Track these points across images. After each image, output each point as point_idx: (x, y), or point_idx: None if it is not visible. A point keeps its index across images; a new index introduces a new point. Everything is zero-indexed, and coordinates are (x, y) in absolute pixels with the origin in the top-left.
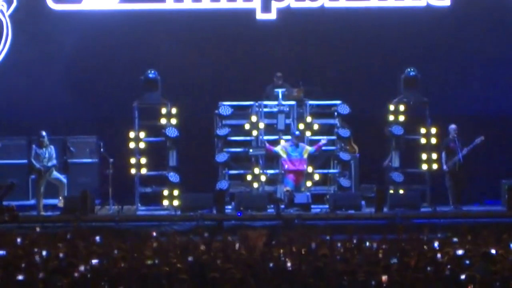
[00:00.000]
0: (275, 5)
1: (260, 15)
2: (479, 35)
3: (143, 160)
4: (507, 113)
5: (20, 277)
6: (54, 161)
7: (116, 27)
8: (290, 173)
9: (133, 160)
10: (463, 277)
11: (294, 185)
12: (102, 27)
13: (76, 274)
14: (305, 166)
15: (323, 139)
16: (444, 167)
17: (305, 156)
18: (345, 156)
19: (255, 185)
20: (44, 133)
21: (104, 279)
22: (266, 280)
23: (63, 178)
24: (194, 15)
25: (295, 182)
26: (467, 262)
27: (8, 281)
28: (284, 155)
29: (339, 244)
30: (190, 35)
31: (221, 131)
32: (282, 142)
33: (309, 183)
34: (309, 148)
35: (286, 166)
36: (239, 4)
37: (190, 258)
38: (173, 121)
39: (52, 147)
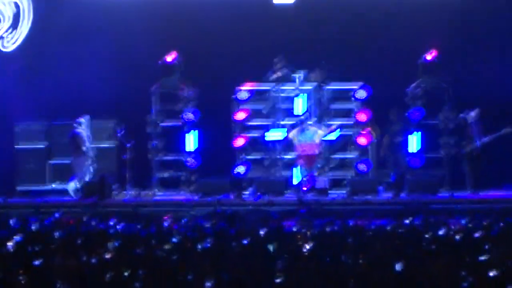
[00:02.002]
0: None
1: (277, 0)
2: (501, 17)
3: (161, 145)
4: None
5: (36, 262)
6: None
7: (135, 12)
8: (300, 158)
9: (150, 145)
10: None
11: (304, 170)
12: (122, 10)
13: (92, 260)
14: (316, 150)
15: (334, 126)
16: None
17: (317, 140)
18: (363, 141)
19: (273, 170)
20: (84, 120)
21: (123, 263)
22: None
23: None
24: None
25: (305, 167)
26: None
27: (24, 267)
28: (294, 141)
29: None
30: (208, 19)
31: (239, 116)
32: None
33: (324, 168)
34: (321, 132)
35: (297, 151)
36: None
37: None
38: (191, 105)
39: None
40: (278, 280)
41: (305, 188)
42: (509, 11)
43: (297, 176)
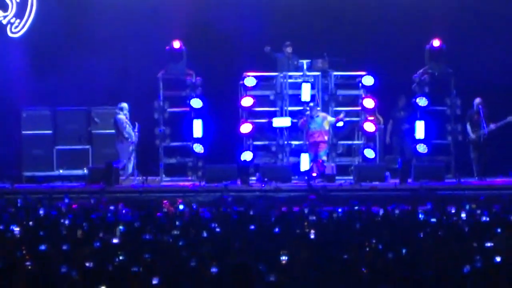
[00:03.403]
0: None
1: None
2: (504, 6)
3: (168, 131)
4: None
5: (42, 247)
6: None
7: None
8: (310, 145)
9: (157, 131)
10: (488, 245)
11: (313, 156)
12: None
13: (99, 244)
14: (325, 137)
15: (342, 114)
16: (471, 135)
17: (326, 127)
18: (370, 128)
19: (280, 156)
20: (126, 105)
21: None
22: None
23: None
24: None
25: (314, 153)
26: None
27: (33, 252)
28: (305, 127)
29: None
30: (215, 5)
31: (246, 102)
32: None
33: (330, 154)
34: (330, 119)
35: (307, 139)
36: None
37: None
38: (198, 92)
39: None
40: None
41: (314, 174)
42: None
43: (305, 162)
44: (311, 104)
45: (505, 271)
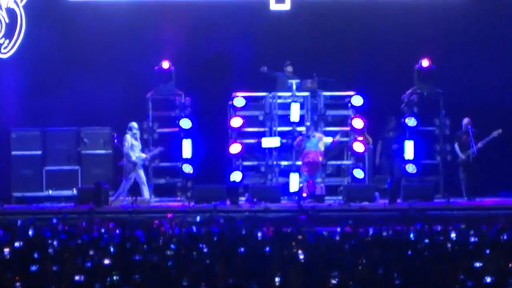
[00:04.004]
0: None
1: (274, 6)
2: (493, 26)
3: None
4: None
5: (33, 268)
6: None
7: (131, 18)
8: (303, 165)
9: (147, 151)
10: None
11: (307, 177)
12: (116, 18)
13: (88, 265)
14: (320, 158)
15: (338, 135)
16: (461, 156)
17: (322, 147)
18: (359, 148)
19: (269, 176)
20: (136, 125)
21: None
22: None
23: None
24: (208, 6)
25: (308, 174)
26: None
27: (22, 272)
28: (301, 148)
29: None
30: (204, 26)
31: (235, 123)
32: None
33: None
34: (326, 140)
35: (302, 159)
36: None
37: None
38: (187, 112)
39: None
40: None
41: (305, 194)
42: (503, 20)
43: (295, 182)
44: (307, 123)
45: None
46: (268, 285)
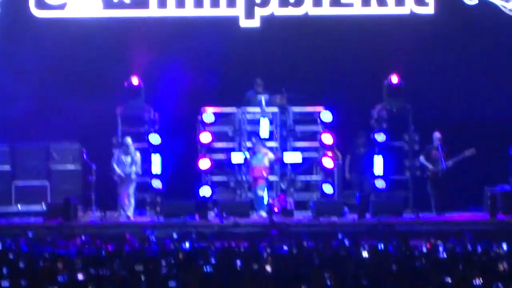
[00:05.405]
0: (258, 13)
1: (243, 22)
2: (462, 42)
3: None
4: (490, 120)
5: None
6: (135, 169)
7: (99, 34)
8: (252, 180)
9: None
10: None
11: (253, 192)
12: (86, 34)
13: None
14: (264, 173)
15: (278, 152)
16: (429, 166)
17: (266, 163)
18: (328, 163)
19: (238, 191)
20: (129, 141)
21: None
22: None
23: (133, 198)
24: (177, 22)
25: (253, 188)
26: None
27: None
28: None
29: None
30: (173, 41)
31: (204, 138)
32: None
33: (266, 191)
34: (270, 156)
35: (250, 174)
36: (223, 11)
37: None
38: (156, 127)
39: (138, 154)
40: None
41: (276, 209)
42: (470, 37)
43: (264, 197)
44: (254, 139)
45: None
46: None
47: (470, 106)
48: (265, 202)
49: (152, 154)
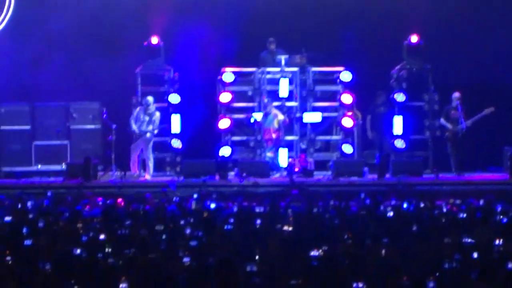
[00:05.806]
0: None
1: None
2: (482, 1)
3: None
4: (510, 80)
5: (27, 242)
6: (152, 128)
7: None
8: (265, 141)
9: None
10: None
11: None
12: None
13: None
14: (272, 135)
15: (285, 115)
16: (449, 127)
17: (276, 124)
18: (348, 123)
19: (258, 151)
20: (151, 100)
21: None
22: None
23: (152, 157)
24: None
25: (264, 150)
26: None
27: (14, 247)
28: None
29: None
30: (193, 1)
31: (224, 98)
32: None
33: (274, 152)
34: (280, 117)
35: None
36: None
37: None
38: (176, 87)
39: (158, 114)
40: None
41: (297, 169)
42: None
43: (284, 157)
44: (265, 100)
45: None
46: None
47: (489, 66)
48: (278, 164)
49: (172, 114)
